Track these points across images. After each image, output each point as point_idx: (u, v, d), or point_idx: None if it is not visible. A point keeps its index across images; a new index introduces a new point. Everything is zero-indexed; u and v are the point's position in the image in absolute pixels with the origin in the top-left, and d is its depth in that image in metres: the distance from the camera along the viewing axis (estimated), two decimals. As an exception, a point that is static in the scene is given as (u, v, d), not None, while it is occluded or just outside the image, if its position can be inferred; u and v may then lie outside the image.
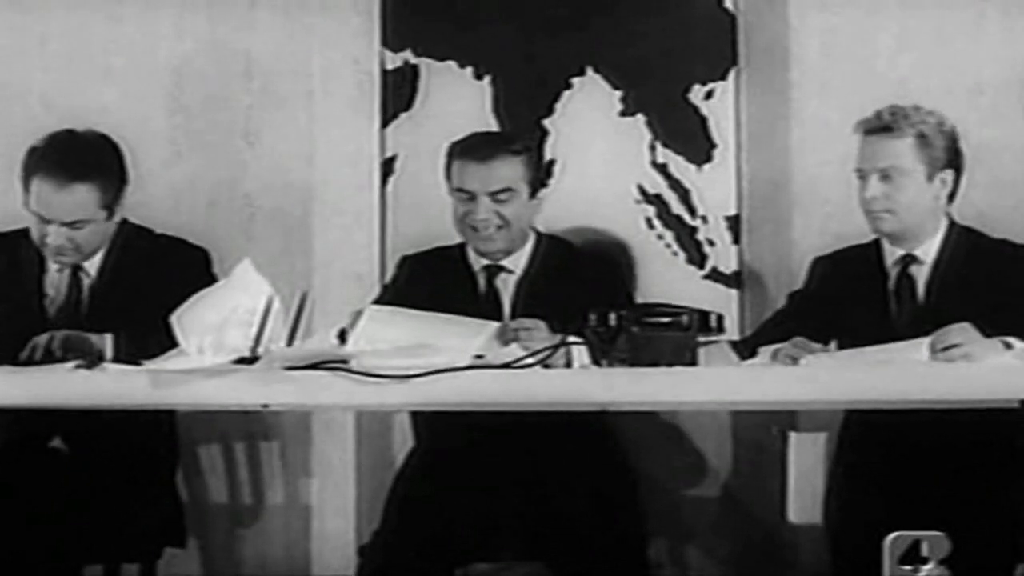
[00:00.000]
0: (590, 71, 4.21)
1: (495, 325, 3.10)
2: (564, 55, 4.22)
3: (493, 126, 4.20)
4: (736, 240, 4.20)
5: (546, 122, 4.21)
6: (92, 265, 3.63)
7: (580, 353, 2.95)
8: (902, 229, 3.45)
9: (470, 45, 4.24)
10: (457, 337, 2.88)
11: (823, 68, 4.15)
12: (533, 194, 3.68)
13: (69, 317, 3.55)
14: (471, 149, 3.66)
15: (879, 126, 3.43)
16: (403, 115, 4.28)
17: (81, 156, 3.52)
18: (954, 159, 3.47)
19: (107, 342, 3.29)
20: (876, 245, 3.55)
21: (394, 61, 4.28)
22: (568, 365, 2.96)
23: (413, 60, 4.27)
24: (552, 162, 4.20)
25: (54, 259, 3.59)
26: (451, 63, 4.25)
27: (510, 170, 3.63)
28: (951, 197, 3.48)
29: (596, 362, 2.87)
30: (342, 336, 3.00)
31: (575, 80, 4.21)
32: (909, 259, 3.49)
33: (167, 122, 4.29)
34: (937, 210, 3.47)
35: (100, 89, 4.22)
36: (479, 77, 4.24)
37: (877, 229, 3.47)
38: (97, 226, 3.56)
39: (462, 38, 4.25)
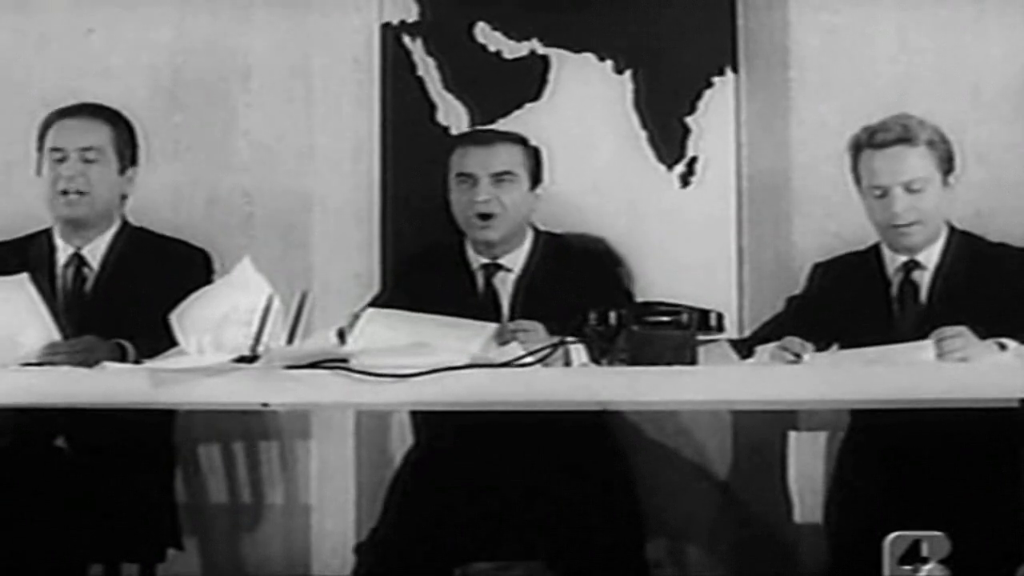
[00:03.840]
0: (729, 71, 4.18)
1: (493, 327, 3.10)
2: (705, 54, 4.17)
3: (634, 121, 4.15)
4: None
5: (688, 119, 4.19)
6: (95, 259, 3.68)
7: (579, 353, 2.95)
8: (925, 239, 3.45)
9: (611, 38, 4.18)
10: (455, 339, 2.88)
11: (823, 68, 4.15)
12: (533, 186, 3.69)
13: (74, 313, 3.57)
14: (473, 136, 3.72)
15: (893, 138, 3.42)
16: (528, 105, 4.21)
17: (99, 106, 3.76)
18: (954, 163, 3.48)
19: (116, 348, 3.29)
20: (875, 251, 3.55)
21: (515, 51, 4.21)
22: (567, 365, 2.97)
23: (541, 50, 4.20)
24: (695, 159, 4.18)
25: (65, 210, 3.64)
26: (589, 55, 4.20)
27: (511, 155, 3.66)
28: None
29: (595, 362, 2.87)
30: (341, 336, 3.00)
31: (716, 79, 4.18)
32: (912, 265, 3.49)
33: (166, 121, 4.29)
34: (946, 215, 3.48)
35: (100, 89, 4.21)
36: (619, 71, 4.22)
37: (903, 244, 3.45)
38: (108, 173, 3.66)
39: (603, 31, 4.18)
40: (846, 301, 3.53)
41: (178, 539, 3.68)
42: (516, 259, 3.69)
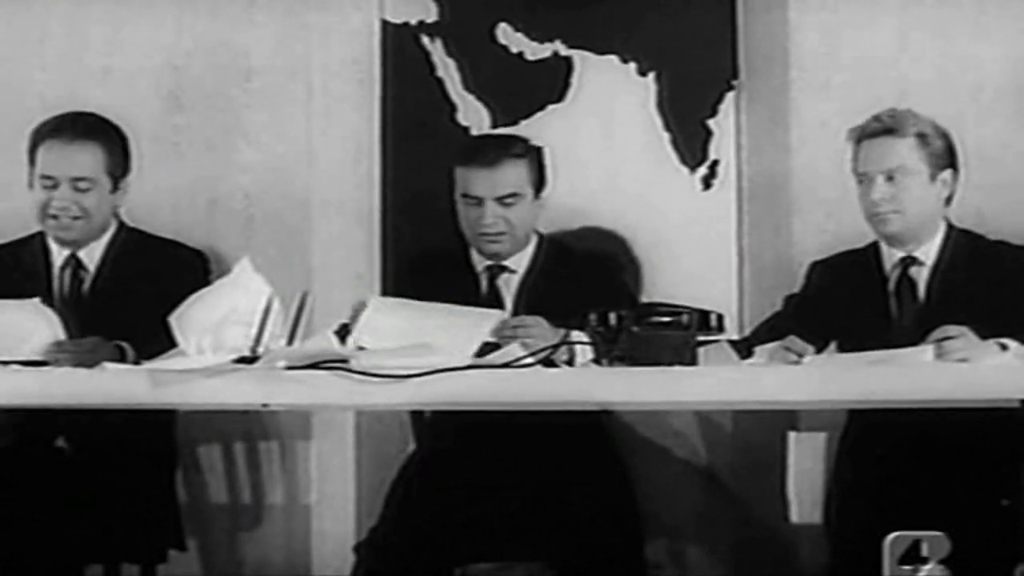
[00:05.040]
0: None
1: (499, 313, 3.10)
2: (721, 57, 4.17)
3: (657, 123, 4.15)
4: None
5: (710, 122, 4.19)
6: (91, 262, 3.67)
7: (584, 352, 2.95)
8: (906, 230, 3.46)
9: (635, 41, 4.17)
10: (462, 327, 2.88)
11: (823, 68, 4.15)
12: (537, 195, 3.69)
13: (72, 315, 3.56)
14: (476, 154, 3.67)
15: (880, 129, 3.46)
16: (551, 107, 4.20)
17: (88, 121, 3.69)
18: (952, 161, 3.49)
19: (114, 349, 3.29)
20: (874, 249, 3.56)
21: (538, 52, 4.20)
22: (571, 362, 2.97)
23: (564, 52, 4.19)
24: (716, 162, 4.17)
25: (57, 231, 3.64)
26: (612, 57, 4.19)
27: (516, 174, 3.64)
28: (948, 200, 3.51)
29: (596, 362, 2.87)
30: (343, 332, 3.00)
31: (736, 82, 4.16)
32: (909, 261, 3.50)
33: (166, 122, 4.29)
34: (937, 212, 3.50)
35: (100, 89, 4.22)
36: (643, 73, 4.20)
37: (882, 231, 3.48)
38: (102, 196, 3.63)
39: (626, 33, 4.17)
40: (844, 298, 3.54)
41: (180, 539, 3.68)
42: (520, 261, 3.70)
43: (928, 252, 3.49)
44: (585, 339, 2.92)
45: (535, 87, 4.21)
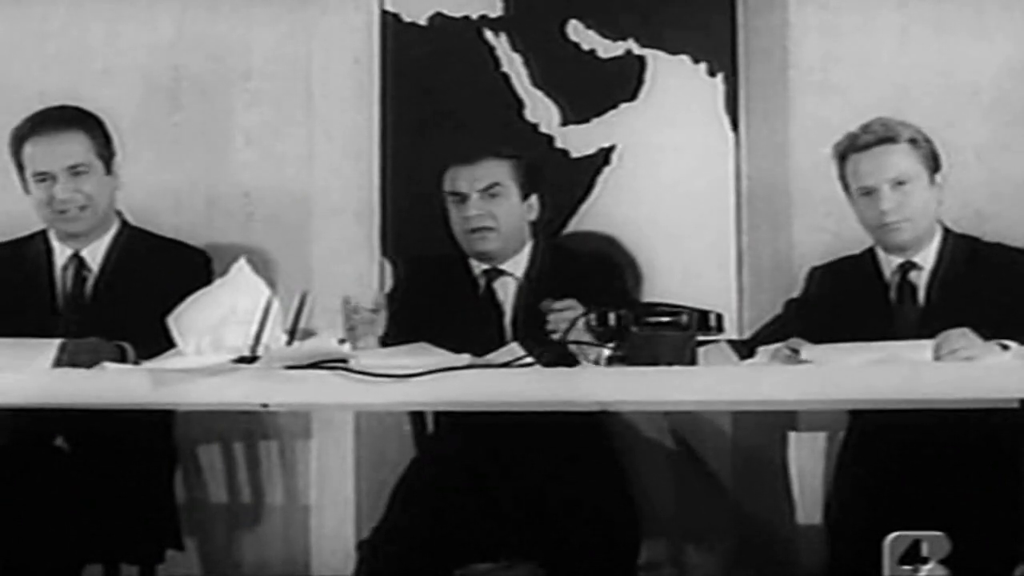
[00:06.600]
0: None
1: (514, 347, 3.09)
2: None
3: (725, 123, 4.14)
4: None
5: None
6: (94, 261, 3.67)
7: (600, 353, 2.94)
8: (916, 237, 3.46)
9: (706, 41, 4.18)
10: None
11: (823, 68, 4.15)
12: (525, 197, 3.69)
13: (74, 315, 3.57)
14: (461, 157, 3.71)
15: (874, 139, 3.45)
16: (624, 105, 4.19)
17: (65, 111, 3.68)
18: (939, 163, 3.49)
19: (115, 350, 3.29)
20: (871, 254, 3.56)
21: (610, 50, 4.19)
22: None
23: (638, 51, 4.18)
24: None
25: (64, 224, 3.63)
26: (684, 57, 4.19)
27: (498, 169, 3.67)
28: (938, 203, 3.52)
29: (595, 361, 2.86)
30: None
31: None
32: (908, 266, 3.50)
33: (166, 121, 4.29)
34: (936, 215, 3.50)
35: (99, 88, 4.22)
36: (712, 74, 4.19)
37: (893, 241, 3.48)
38: (99, 179, 3.64)
39: (698, 33, 4.18)
40: (845, 303, 3.53)
41: (178, 540, 3.68)
42: (518, 264, 3.71)
43: (926, 257, 3.50)
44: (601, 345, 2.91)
45: (607, 85, 4.19)
